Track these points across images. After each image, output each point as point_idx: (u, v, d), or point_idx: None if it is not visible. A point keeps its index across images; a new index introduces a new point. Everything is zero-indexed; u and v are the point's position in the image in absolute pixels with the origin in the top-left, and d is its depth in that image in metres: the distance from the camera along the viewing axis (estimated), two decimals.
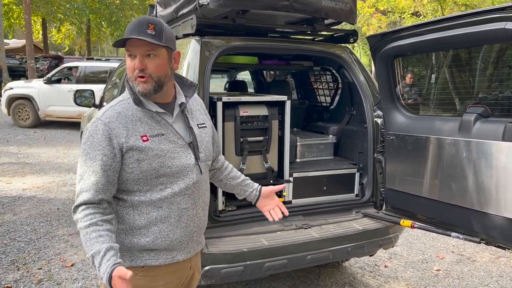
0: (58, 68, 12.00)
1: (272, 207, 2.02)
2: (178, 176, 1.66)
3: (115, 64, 11.58)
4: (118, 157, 1.58)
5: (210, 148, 1.82)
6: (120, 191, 1.65)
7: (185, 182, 1.67)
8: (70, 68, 11.99)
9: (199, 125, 1.78)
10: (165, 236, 1.66)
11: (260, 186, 2.04)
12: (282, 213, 2.01)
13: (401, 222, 2.82)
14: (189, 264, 1.81)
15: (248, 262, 2.50)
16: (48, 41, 31.59)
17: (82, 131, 5.73)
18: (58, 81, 11.63)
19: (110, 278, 1.39)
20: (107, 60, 12.60)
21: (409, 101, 3.12)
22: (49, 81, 11.45)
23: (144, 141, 1.59)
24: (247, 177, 2.07)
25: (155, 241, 1.65)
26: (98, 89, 11.06)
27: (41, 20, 28.23)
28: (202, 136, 1.77)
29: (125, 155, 1.58)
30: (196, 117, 1.79)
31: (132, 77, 1.59)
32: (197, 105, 1.84)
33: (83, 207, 1.55)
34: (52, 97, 11.25)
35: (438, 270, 4.00)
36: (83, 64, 11.91)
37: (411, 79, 3.79)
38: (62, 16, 25.94)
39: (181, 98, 1.72)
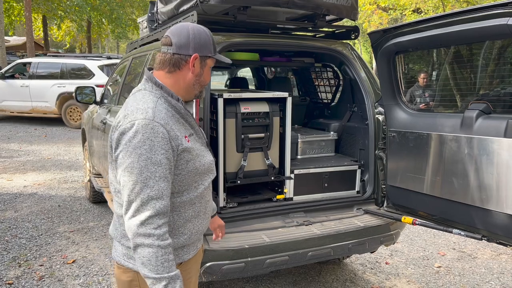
0: (12, 64, 12.22)
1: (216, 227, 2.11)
2: (207, 173, 1.69)
3: (70, 61, 11.72)
4: (176, 160, 1.54)
5: None
6: None
7: (210, 177, 1.72)
8: (24, 64, 12.17)
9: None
10: (197, 230, 1.69)
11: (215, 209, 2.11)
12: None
13: (402, 219, 2.82)
14: (201, 247, 1.88)
15: (249, 259, 2.50)
16: (49, 38, 31.55)
17: (83, 128, 5.72)
18: (12, 76, 11.86)
19: None
20: (63, 56, 12.91)
21: (422, 105, 3.01)
22: (3, 77, 11.70)
23: (188, 141, 1.58)
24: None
25: (190, 236, 1.68)
26: (50, 84, 11.26)
27: (41, 17, 28.19)
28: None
29: (178, 157, 1.54)
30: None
31: (205, 85, 1.69)
32: None
33: (159, 221, 1.45)
34: (6, 92, 11.59)
35: (439, 267, 4.00)
36: (36, 60, 12.21)
37: (425, 80, 3.15)
38: (63, 13, 25.89)
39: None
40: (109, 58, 12.78)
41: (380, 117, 3.07)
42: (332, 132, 3.66)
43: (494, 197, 2.24)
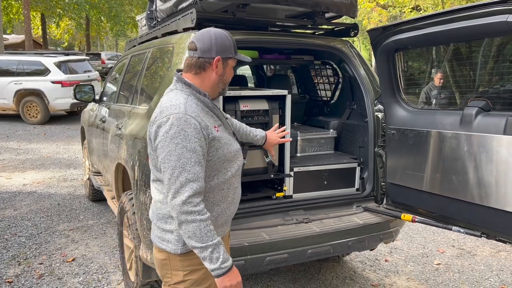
0: None
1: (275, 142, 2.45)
2: (234, 159, 1.88)
3: (26, 58, 11.69)
4: (207, 148, 1.74)
5: None
6: None
7: (237, 164, 1.91)
8: None
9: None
10: (224, 213, 1.89)
11: (264, 133, 2.43)
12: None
13: (401, 216, 2.82)
14: (228, 232, 2.09)
15: (249, 256, 2.51)
16: (48, 36, 31.49)
17: (82, 126, 5.72)
18: None
19: (225, 273, 1.66)
20: (20, 53, 12.92)
21: (436, 105, 2.93)
22: None
23: (217, 131, 1.79)
24: (252, 128, 2.41)
25: (217, 219, 1.86)
26: (7, 81, 11.25)
27: (40, 15, 28.12)
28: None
29: (209, 145, 1.75)
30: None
31: (228, 83, 1.93)
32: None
33: (197, 199, 1.66)
34: None
35: (439, 264, 4.01)
36: None
37: (441, 80, 3.04)
38: (61, 11, 25.84)
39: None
40: (66, 54, 12.79)
41: (380, 115, 3.06)
42: (331, 130, 3.66)
43: (493, 194, 2.24)
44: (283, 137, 2.51)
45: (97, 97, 4.98)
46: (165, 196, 1.77)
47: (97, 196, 5.43)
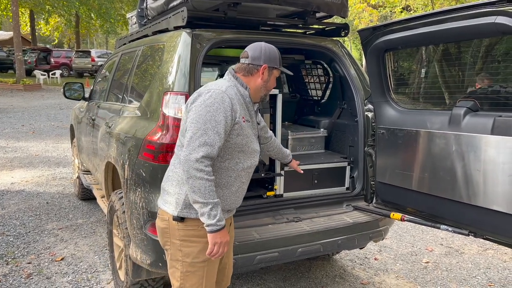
0: None
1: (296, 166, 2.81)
2: (249, 156, 2.09)
3: None
4: (230, 127, 1.96)
5: None
6: None
7: (251, 162, 2.11)
8: None
9: (258, 123, 2.30)
10: (224, 199, 2.05)
11: (291, 155, 2.78)
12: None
13: (391, 215, 2.85)
14: (229, 221, 2.23)
15: (239, 255, 2.51)
16: (37, 33, 31.12)
17: (71, 125, 5.67)
18: None
19: (219, 230, 1.88)
20: None
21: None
22: None
23: (243, 121, 2.02)
24: (283, 147, 2.74)
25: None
26: None
27: (28, 12, 27.77)
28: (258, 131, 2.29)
29: (232, 127, 1.97)
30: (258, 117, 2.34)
31: (271, 90, 2.17)
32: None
33: (208, 161, 1.87)
34: None
35: (427, 262, 4.05)
36: None
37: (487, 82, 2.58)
38: (50, 8, 25.53)
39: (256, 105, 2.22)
40: None
41: (370, 114, 3.08)
42: (322, 129, 3.68)
43: (481, 194, 2.27)
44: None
45: (87, 95, 4.95)
46: (179, 160, 1.98)
47: (86, 195, 5.38)
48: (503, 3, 1.99)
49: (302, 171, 2.81)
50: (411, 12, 16.78)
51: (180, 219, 2.01)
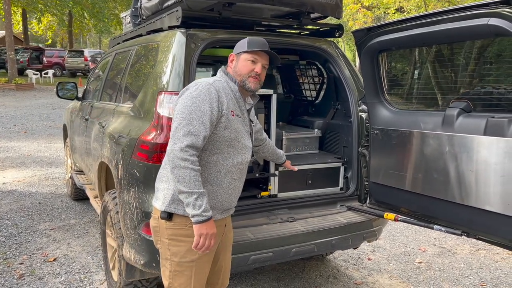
0: None
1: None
2: (239, 152, 2.07)
3: None
4: (217, 119, 1.95)
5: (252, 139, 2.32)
6: None
7: (242, 158, 2.09)
8: None
9: (251, 121, 2.27)
10: (215, 196, 2.03)
11: (284, 156, 2.79)
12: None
13: (384, 215, 2.86)
14: (224, 222, 2.18)
15: (233, 255, 2.50)
16: (29, 32, 30.88)
17: (64, 124, 5.63)
18: None
19: (204, 221, 1.85)
20: None
21: None
22: None
23: (232, 115, 2.02)
24: (277, 149, 2.75)
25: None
26: None
27: (21, 11, 27.56)
28: (253, 130, 2.29)
29: (220, 120, 1.97)
30: (251, 115, 2.32)
31: (246, 75, 2.08)
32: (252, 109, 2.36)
33: (193, 151, 1.86)
34: None
35: (420, 262, 4.07)
36: None
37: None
38: (43, 7, 25.34)
39: (251, 101, 2.21)
40: None
41: (364, 115, 3.10)
42: (316, 130, 3.68)
43: (473, 194, 2.29)
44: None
45: (80, 95, 4.92)
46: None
47: (79, 195, 5.35)
48: (496, 5, 2.01)
49: (296, 169, 2.81)
50: (405, 13, 16.87)
51: (168, 215, 1.99)
